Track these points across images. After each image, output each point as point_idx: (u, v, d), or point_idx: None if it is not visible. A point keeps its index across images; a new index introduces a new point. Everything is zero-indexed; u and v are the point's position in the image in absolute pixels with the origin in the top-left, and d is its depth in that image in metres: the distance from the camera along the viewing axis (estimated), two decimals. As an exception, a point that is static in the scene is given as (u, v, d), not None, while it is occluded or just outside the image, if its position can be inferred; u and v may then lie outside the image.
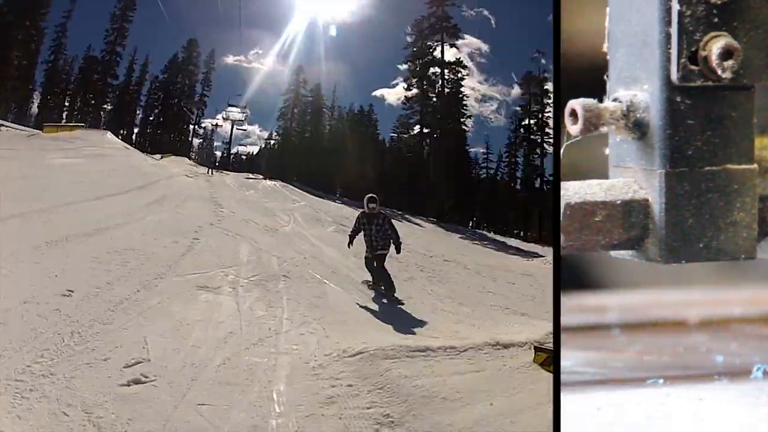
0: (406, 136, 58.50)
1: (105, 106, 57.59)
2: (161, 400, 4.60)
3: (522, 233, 56.38)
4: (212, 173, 36.84)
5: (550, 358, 6.69)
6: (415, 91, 56.28)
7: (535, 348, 7.06)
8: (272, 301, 8.46)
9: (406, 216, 38.99)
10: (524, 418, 5.17)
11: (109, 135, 40.42)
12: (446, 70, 56.89)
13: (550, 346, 6.97)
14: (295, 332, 6.93)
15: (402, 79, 59.35)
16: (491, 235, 47.73)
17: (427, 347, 6.69)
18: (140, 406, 4.51)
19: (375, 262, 11.43)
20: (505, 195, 59.40)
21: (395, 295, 11.15)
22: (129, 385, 4.84)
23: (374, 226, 11.43)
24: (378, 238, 11.41)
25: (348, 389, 5.23)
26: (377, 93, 61.89)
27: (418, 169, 53.43)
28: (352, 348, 6.26)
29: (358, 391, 5.23)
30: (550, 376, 6.04)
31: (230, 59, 62.33)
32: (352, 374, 5.57)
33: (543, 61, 60.20)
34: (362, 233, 11.66)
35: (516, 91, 60.09)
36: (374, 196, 11.89)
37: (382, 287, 11.30)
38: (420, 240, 23.68)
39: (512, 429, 4.95)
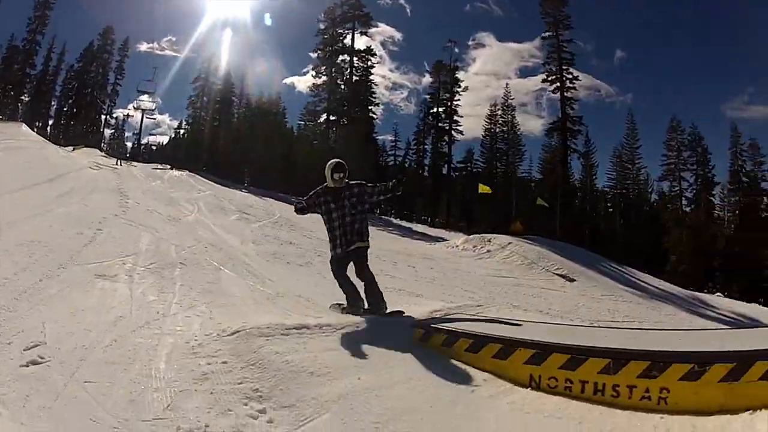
0: (312, 123, 61.02)
1: (22, 97, 57.08)
2: (53, 379, 4.87)
3: (429, 219, 58.05)
4: (120, 164, 36.59)
5: (428, 334, 6.93)
6: (324, 78, 62.20)
7: (413, 325, 7.28)
8: (165, 287, 8.57)
9: None
10: (393, 392, 5.30)
11: (24, 127, 40.33)
12: (356, 58, 59.75)
13: (432, 323, 7.34)
14: (182, 315, 7.08)
15: (312, 66, 61.62)
16: (397, 221, 49.07)
17: (303, 325, 6.74)
18: (36, 384, 4.78)
19: (356, 263, 8.75)
20: (412, 182, 59.60)
21: (388, 311, 8.50)
22: (27, 366, 5.11)
23: (347, 201, 8.63)
24: (354, 224, 8.65)
25: (222, 366, 5.38)
26: (288, 81, 64.46)
27: (325, 157, 52.51)
28: (231, 327, 6.33)
29: (231, 367, 5.37)
30: (428, 352, 6.59)
31: (143, 46, 62.11)
32: (228, 352, 5.69)
33: (456, 50, 62.12)
34: (323, 220, 8.96)
35: (427, 79, 63.82)
36: (341, 161, 8.73)
37: (367, 305, 8.67)
38: (323, 226, 23.79)
39: (377, 402, 5.04)
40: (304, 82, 62.85)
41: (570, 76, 57.04)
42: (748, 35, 62.97)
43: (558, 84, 56.89)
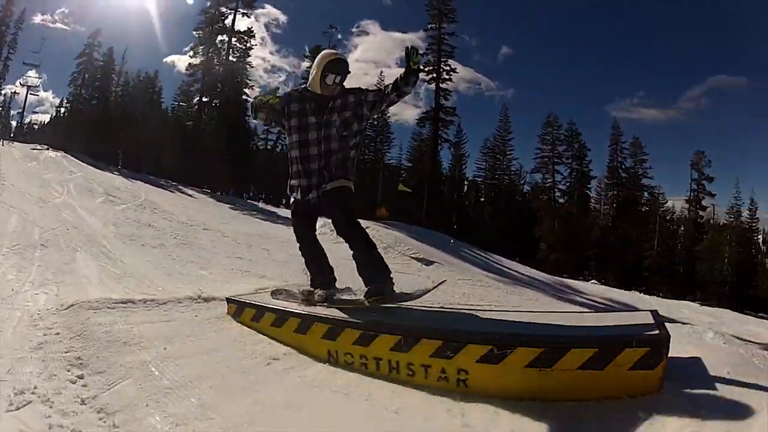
0: (186, 105, 60.53)
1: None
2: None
3: None
4: (3, 144, 36.04)
5: (240, 309, 6.95)
6: (200, 58, 58.92)
7: (228, 300, 7.19)
8: (24, 267, 8.92)
9: (179, 187, 38.37)
10: (192, 362, 5.48)
11: None
12: (234, 39, 59.51)
13: (245, 298, 7.24)
14: (32, 292, 7.45)
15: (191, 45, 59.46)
16: (262, 205, 47.52)
17: (129, 300, 7.05)
18: None
19: (334, 212, 6.22)
20: (283, 166, 59.44)
21: (395, 289, 6.07)
22: None
23: (336, 115, 6.01)
24: (341, 152, 6.11)
25: (55, 337, 5.67)
26: (169, 59, 61.67)
27: (195, 140, 52.95)
28: (68, 302, 6.62)
29: (62, 338, 5.64)
30: (239, 326, 6.70)
31: (38, 18, 59.16)
32: (62, 324, 5.97)
33: (339, 36, 61.13)
34: (289, 142, 6.27)
35: (306, 63, 60.03)
36: (344, 57, 6.12)
37: (363, 282, 6.19)
38: (186, 209, 24.27)
39: (174, 370, 5.23)
40: (185, 61, 60.49)
41: (447, 68, 57.34)
42: (638, 39, 65.99)
43: (434, 75, 56.94)
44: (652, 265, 55.51)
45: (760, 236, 61.44)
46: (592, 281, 41.18)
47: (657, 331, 4.65)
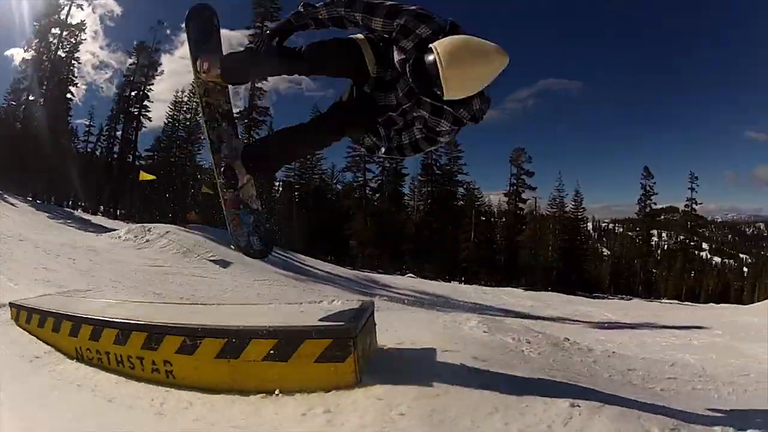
0: (15, 104, 52.65)
1: None
2: None
3: (113, 209, 53.67)
4: None
5: (18, 312, 6.95)
6: (32, 53, 52.24)
7: (10, 305, 7.20)
8: None
9: (4, 196, 35.51)
10: None
11: None
12: (66, 32, 53.29)
13: (24, 303, 7.06)
14: None
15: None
16: (78, 213, 44.30)
17: None
18: None
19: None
20: (101, 170, 54.91)
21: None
22: None
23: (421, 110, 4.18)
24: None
25: None
26: (9, 52, 54.16)
27: (19, 143, 46.93)
28: None
29: None
30: (19, 331, 6.73)
31: None
32: None
33: (169, 31, 55.39)
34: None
35: (132, 60, 56.32)
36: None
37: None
38: (6, 220, 24.77)
39: None
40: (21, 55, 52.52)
41: (265, 68, 54.66)
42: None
43: (247, 73, 53.57)
44: (470, 256, 56.98)
45: (589, 224, 66.91)
46: (409, 275, 42.38)
47: (342, 323, 4.42)
